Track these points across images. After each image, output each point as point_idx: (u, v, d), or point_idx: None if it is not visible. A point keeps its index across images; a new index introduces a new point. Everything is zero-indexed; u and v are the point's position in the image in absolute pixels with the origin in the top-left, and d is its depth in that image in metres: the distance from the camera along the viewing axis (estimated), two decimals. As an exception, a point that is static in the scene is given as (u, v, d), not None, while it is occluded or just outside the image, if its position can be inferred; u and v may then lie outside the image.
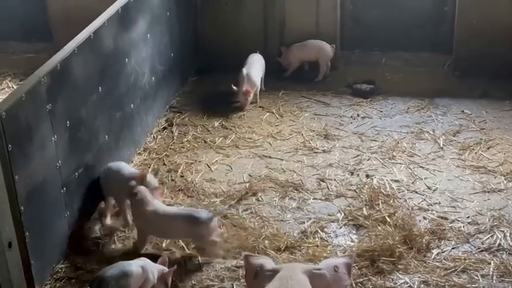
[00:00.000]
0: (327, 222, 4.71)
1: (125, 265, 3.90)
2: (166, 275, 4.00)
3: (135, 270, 3.86)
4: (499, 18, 6.45)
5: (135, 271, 3.85)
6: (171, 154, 5.64)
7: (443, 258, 4.29)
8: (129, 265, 3.89)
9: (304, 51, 6.71)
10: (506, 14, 6.44)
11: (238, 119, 6.16)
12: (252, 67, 6.32)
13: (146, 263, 3.96)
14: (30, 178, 3.93)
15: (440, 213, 4.73)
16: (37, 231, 4.01)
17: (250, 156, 5.59)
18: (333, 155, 5.52)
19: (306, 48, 6.70)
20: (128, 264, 3.91)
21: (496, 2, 6.45)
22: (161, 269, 4.01)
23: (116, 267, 3.88)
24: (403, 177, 5.16)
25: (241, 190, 5.08)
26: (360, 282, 4.09)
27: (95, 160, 4.81)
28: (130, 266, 3.88)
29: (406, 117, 6.06)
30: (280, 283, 3.32)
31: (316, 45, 6.68)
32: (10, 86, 6.96)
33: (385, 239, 4.38)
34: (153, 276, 3.93)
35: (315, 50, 6.66)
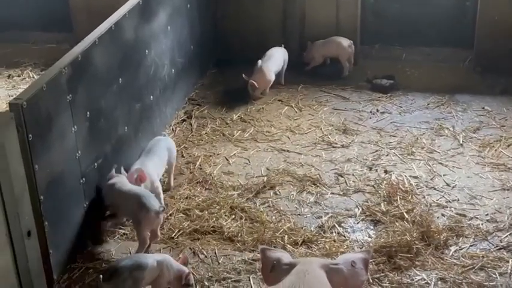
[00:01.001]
0: (344, 217, 4.70)
1: (140, 257, 3.91)
2: (185, 276, 3.98)
3: (150, 263, 3.86)
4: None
5: (150, 264, 3.85)
6: (189, 146, 5.65)
7: (461, 255, 4.27)
8: (146, 258, 3.90)
9: (326, 47, 6.69)
10: (529, 11, 6.38)
11: (257, 113, 6.15)
12: (268, 61, 6.32)
13: (165, 259, 3.95)
14: (50, 168, 3.95)
15: (459, 210, 4.70)
16: (56, 221, 4.04)
17: (269, 149, 5.59)
18: (352, 150, 5.51)
19: (328, 45, 6.68)
20: (145, 257, 3.92)
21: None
22: (181, 269, 3.99)
23: (131, 258, 3.89)
24: (422, 173, 5.14)
25: (259, 183, 5.08)
26: (376, 277, 4.08)
27: (114, 151, 4.82)
28: (146, 259, 3.88)
29: (426, 113, 6.03)
30: (297, 277, 3.30)
31: (336, 41, 6.65)
32: (31, 76, 7.00)
33: (403, 235, 4.37)
34: (168, 273, 3.92)
35: (335, 46, 6.64)
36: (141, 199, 4.31)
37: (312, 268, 3.41)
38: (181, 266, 3.99)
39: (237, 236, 4.51)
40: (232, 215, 4.73)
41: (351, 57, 6.66)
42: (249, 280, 4.14)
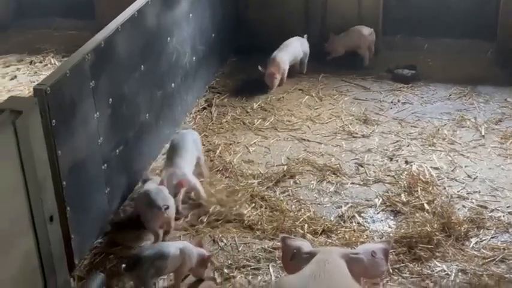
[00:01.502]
0: (364, 207, 4.69)
1: (163, 246, 3.93)
2: (205, 260, 4.01)
3: (172, 252, 3.87)
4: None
5: (172, 253, 3.87)
6: (209, 134, 5.66)
7: (481, 247, 4.25)
8: (167, 247, 3.92)
9: (348, 39, 6.63)
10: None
11: (278, 102, 6.15)
12: (282, 50, 6.31)
13: (186, 246, 3.97)
14: (73, 154, 3.98)
15: (480, 202, 4.68)
16: (78, 206, 4.07)
17: (289, 138, 5.58)
18: (372, 140, 5.49)
19: (349, 35, 6.63)
20: (167, 245, 3.94)
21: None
22: (201, 253, 4.01)
23: (153, 247, 3.91)
24: (442, 164, 5.11)
25: (279, 172, 5.08)
26: (396, 268, 4.07)
27: (136, 138, 4.85)
28: (168, 248, 3.90)
29: (448, 104, 5.99)
30: (317, 266, 3.31)
31: (357, 30, 6.61)
32: (53, 63, 7.04)
33: (423, 226, 4.35)
34: (190, 260, 3.94)
35: (356, 36, 6.60)
36: (149, 196, 4.34)
37: (333, 257, 3.42)
38: (201, 250, 4.02)
39: (257, 224, 4.52)
40: (253, 203, 4.73)
41: (372, 46, 6.62)
42: (269, 268, 4.15)
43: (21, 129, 3.34)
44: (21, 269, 3.46)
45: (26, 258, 3.50)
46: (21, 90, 6.44)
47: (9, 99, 3.60)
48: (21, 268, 3.47)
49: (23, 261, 3.47)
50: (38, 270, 3.62)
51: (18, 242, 3.43)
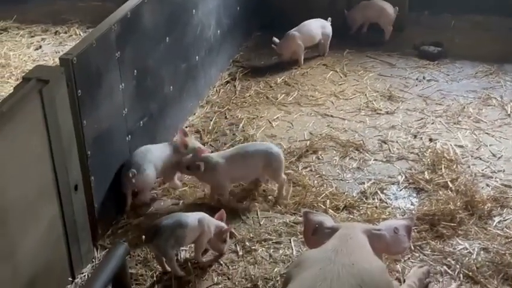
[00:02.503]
0: (387, 184, 4.68)
1: (181, 216, 3.95)
2: (224, 231, 4.03)
3: (191, 222, 3.89)
4: None
5: (190, 223, 3.89)
6: (232, 108, 5.65)
7: (504, 226, 4.22)
8: (186, 217, 3.94)
9: (368, 10, 6.57)
10: None
11: (301, 77, 6.12)
12: (298, 29, 6.24)
13: (204, 217, 3.99)
14: (98, 124, 4.00)
15: (504, 181, 4.64)
16: (102, 176, 4.10)
17: (312, 114, 5.56)
18: (396, 117, 5.45)
19: (370, 8, 6.57)
20: (185, 215, 3.96)
21: None
22: (220, 225, 4.03)
23: (172, 217, 3.93)
24: (467, 142, 5.07)
25: (302, 148, 5.07)
26: (418, 245, 4.06)
27: (160, 110, 4.86)
28: (187, 218, 3.92)
29: (474, 82, 5.92)
30: (339, 241, 3.31)
31: (379, 5, 6.54)
32: (77, 34, 7.06)
33: (446, 204, 4.33)
34: (209, 231, 3.96)
35: (378, 10, 6.53)
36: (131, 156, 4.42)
37: (355, 233, 3.41)
38: (220, 222, 4.04)
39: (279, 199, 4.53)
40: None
41: (392, 22, 6.55)
42: (290, 242, 4.16)
43: (47, 98, 3.37)
44: (45, 237, 3.51)
45: (50, 226, 3.55)
46: (46, 60, 6.48)
47: (36, 68, 3.63)
48: (46, 236, 3.52)
49: (47, 229, 3.52)
50: (62, 238, 3.68)
51: (43, 210, 3.48)
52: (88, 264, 3.95)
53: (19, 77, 5.84)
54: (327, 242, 3.36)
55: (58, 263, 3.67)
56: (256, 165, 4.48)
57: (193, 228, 3.90)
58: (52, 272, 3.60)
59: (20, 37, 7.06)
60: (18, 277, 3.31)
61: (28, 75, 3.47)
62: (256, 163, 4.48)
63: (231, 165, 4.45)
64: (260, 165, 4.48)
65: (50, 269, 3.57)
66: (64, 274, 3.75)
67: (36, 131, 3.36)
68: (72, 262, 3.79)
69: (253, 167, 4.50)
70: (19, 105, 3.23)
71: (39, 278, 3.45)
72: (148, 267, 3.97)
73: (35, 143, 3.36)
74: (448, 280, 3.83)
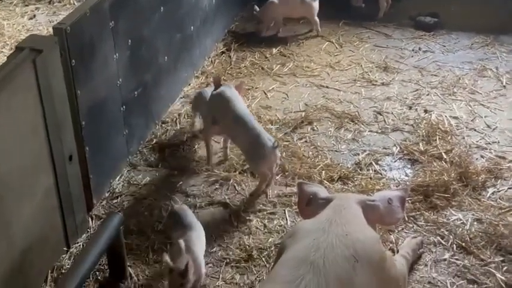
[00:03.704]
0: (381, 155, 4.68)
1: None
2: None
3: None
4: None
5: None
6: (228, 79, 5.62)
7: (498, 197, 4.24)
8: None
9: None
10: None
11: (297, 47, 6.09)
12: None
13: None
14: (92, 94, 3.98)
15: (499, 153, 4.65)
16: (96, 147, 4.09)
17: (307, 85, 5.55)
18: (392, 88, 5.44)
19: None
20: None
21: None
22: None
23: None
24: (462, 114, 5.07)
25: (297, 119, 5.07)
26: (412, 216, 4.08)
27: (154, 80, 4.84)
28: None
29: (470, 53, 5.90)
30: (333, 212, 3.31)
31: None
32: (71, 3, 7.00)
33: (440, 175, 4.34)
34: None
35: None
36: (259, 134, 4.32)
37: (349, 203, 3.42)
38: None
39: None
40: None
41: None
42: (285, 213, 4.17)
43: (41, 67, 3.35)
44: (40, 208, 3.52)
45: (45, 197, 3.55)
46: (40, 30, 6.43)
47: (29, 38, 3.61)
48: (41, 206, 3.52)
49: (42, 199, 3.52)
50: (57, 209, 3.69)
51: (38, 181, 3.48)
52: (83, 234, 3.96)
53: (13, 47, 5.80)
54: (321, 212, 3.36)
55: (53, 233, 3.68)
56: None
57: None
58: (47, 242, 3.61)
59: (13, 6, 7.00)
60: (14, 248, 3.32)
61: (21, 45, 3.44)
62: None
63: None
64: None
65: (45, 239, 3.58)
66: (59, 244, 3.77)
67: (29, 101, 3.34)
68: (67, 232, 3.80)
69: None
70: (12, 75, 3.21)
71: (35, 248, 3.47)
72: (143, 237, 3.99)
73: (29, 113, 3.35)
74: (442, 250, 3.85)
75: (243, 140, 4.32)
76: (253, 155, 4.28)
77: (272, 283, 2.85)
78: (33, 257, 3.46)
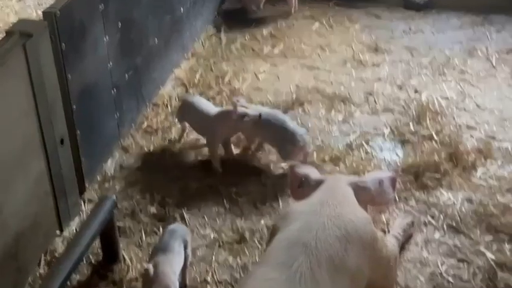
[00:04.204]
0: (372, 136, 4.70)
1: None
2: None
3: None
4: None
5: None
6: (218, 61, 5.62)
7: (488, 177, 4.27)
8: None
9: None
10: None
11: (288, 29, 6.08)
12: None
13: None
14: (83, 78, 3.97)
15: (489, 132, 4.68)
16: (88, 130, 4.09)
17: (298, 66, 5.54)
18: (382, 69, 5.45)
19: None
20: None
21: None
22: None
23: None
24: (452, 94, 5.09)
25: (288, 100, 5.07)
26: (403, 196, 4.11)
27: (144, 63, 4.83)
28: None
29: (460, 33, 5.90)
30: (325, 194, 3.34)
31: None
32: (60, -14, 6.94)
33: (431, 156, 4.37)
34: None
35: None
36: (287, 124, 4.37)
37: (340, 185, 3.45)
38: None
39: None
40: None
41: None
42: (276, 195, 4.19)
43: (31, 52, 3.34)
44: (33, 191, 3.52)
45: (37, 181, 3.55)
46: (28, 13, 6.38)
47: (19, 22, 3.60)
48: (33, 190, 3.53)
49: (34, 183, 3.53)
50: (49, 192, 3.69)
51: (30, 165, 3.48)
52: (76, 218, 3.97)
53: (2, 30, 5.77)
54: (312, 194, 3.39)
55: (46, 217, 3.69)
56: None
57: None
58: (40, 225, 3.62)
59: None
60: (6, 231, 3.32)
61: (11, 29, 3.43)
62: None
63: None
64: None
65: (37, 223, 3.59)
66: (52, 228, 3.78)
67: (20, 86, 3.34)
68: (59, 216, 3.81)
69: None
70: (3, 60, 3.20)
71: (27, 232, 3.48)
72: (136, 220, 4.00)
73: (20, 98, 3.34)
74: (432, 230, 3.89)
75: (271, 135, 4.35)
76: (285, 145, 4.28)
77: (265, 265, 2.87)
78: (26, 241, 3.47)
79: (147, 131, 4.76)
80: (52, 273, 3.18)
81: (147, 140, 4.69)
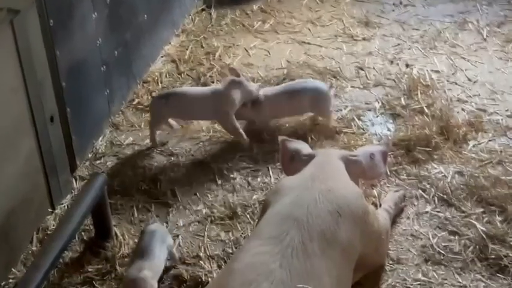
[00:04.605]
0: (364, 110, 4.69)
1: None
2: None
3: None
4: None
5: None
6: (208, 37, 5.59)
7: (479, 150, 4.27)
8: None
9: None
10: None
11: (278, 3, 6.05)
12: None
13: None
14: (72, 55, 3.94)
15: (479, 106, 4.68)
16: (78, 108, 4.07)
17: (289, 41, 5.52)
18: (373, 43, 5.43)
19: None
20: None
21: None
22: None
23: None
24: (443, 67, 5.08)
25: (279, 76, 5.05)
26: (394, 170, 4.11)
27: (134, 40, 4.79)
28: None
29: (450, 6, 5.88)
30: (316, 168, 3.35)
31: None
32: (48, -38, 6.88)
33: (422, 129, 4.36)
34: None
35: None
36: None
37: (331, 159, 3.45)
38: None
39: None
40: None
41: None
42: (268, 170, 4.19)
43: (19, 28, 3.31)
44: (24, 170, 3.51)
45: (28, 159, 3.54)
46: (16, -9, 6.32)
47: (6, -2, 3.54)
48: (24, 169, 3.52)
49: (25, 161, 3.52)
50: (40, 170, 3.68)
51: (20, 143, 3.47)
52: (67, 195, 3.96)
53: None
54: (304, 169, 3.39)
55: (37, 195, 3.68)
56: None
57: None
58: (32, 204, 3.62)
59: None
60: (-2, 210, 3.32)
61: (-2, 6, 3.39)
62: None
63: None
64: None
65: (29, 201, 3.59)
66: (44, 205, 3.77)
67: (9, 63, 3.31)
68: (51, 193, 3.80)
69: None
70: (-10, 37, 3.17)
71: (19, 210, 3.47)
72: (128, 197, 4.00)
73: (8, 75, 3.32)
74: (423, 203, 3.90)
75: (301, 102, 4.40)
76: (319, 103, 4.40)
77: (257, 239, 2.88)
78: (18, 219, 3.47)
79: (137, 108, 4.75)
80: (44, 250, 3.18)
81: (137, 116, 4.67)
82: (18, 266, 3.49)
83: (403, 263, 3.51)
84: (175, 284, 3.44)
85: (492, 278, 3.41)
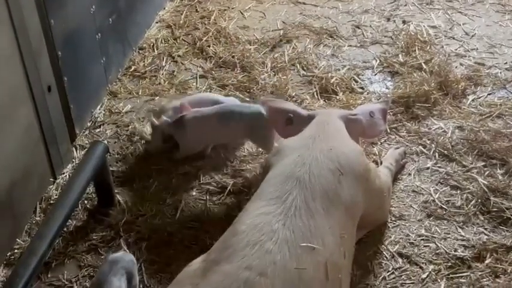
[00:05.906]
0: (362, 69, 4.67)
1: None
2: None
3: None
4: None
5: None
6: (203, 1, 5.54)
7: (478, 104, 4.27)
8: None
9: None
10: None
11: (271, -37, 5.98)
12: None
13: None
14: (66, 23, 3.90)
15: (478, 59, 4.66)
16: (75, 77, 4.04)
17: (284, 2, 5.48)
18: (369, 0, 5.39)
19: None
20: None
21: None
22: None
23: None
24: (440, 23, 5.05)
25: (275, 37, 5.02)
26: (394, 127, 4.11)
27: (128, 6, 4.75)
28: None
29: (447, -40, 5.84)
30: (316, 128, 3.34)
31: None
32: None
33: (421, 86, 4.35)
34: None
35: None
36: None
37: (331, 119, 3.44)
38: None
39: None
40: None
41: None
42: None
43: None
44: (23, 141, 3.51)
45: (27, 130, 3.53)
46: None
47: (-3, -32, 3.50)
48: (24, 139, 3.51)
49: (24, 132, 3.51)
50: (40, 140, 3.67)
51: (18, 114, 3.45)
52: (68, 165, 3.96)
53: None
54: (304, 130, 3.38)
55: (38, 165, 3.68)
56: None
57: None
58: (33, 174, 3.62)
59: None
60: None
61: (-11, -24, 3.35)
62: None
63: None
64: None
65: (30, 172, 3.58)
66: (45, 175, 3.77)
67: (3, 33, 3.28)
68: (52, 163, 3.80)
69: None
70: (-17, 8, 3.14)
71: (21, 181, 3.47)
72: (128, 164, 3.99)
73: (3, 45, 3.29)
74: (424, 159, 3.90)
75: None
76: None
77: (259, 200, 2.89)
78: (20, 190, 3.47)
79: (134, 75, 4.72)
80: (48, 219, 3.18)
81: (135, 84, 4.65)
82: (22, 237, 3.50)
83: (405, 219, 3.53)
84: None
85: (495, 230, 3.43)
